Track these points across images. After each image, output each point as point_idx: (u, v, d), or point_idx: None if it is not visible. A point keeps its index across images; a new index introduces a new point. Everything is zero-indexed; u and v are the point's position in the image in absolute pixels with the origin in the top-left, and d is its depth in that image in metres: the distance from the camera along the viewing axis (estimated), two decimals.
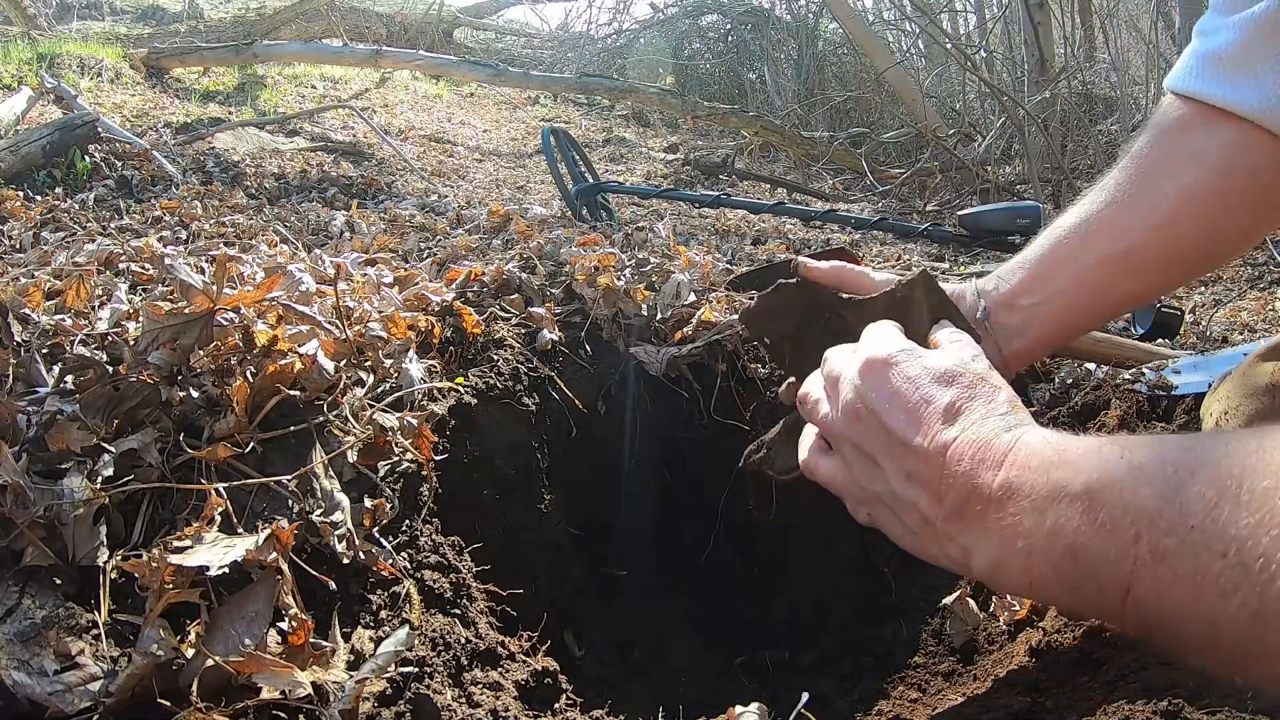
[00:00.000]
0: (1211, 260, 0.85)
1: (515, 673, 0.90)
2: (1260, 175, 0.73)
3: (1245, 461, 0.44)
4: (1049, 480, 0.53)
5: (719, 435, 1.39)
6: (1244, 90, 0.71)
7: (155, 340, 0.94)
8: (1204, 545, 0.44)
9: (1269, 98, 0.70)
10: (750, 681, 1.20)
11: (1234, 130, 0.73)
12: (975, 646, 1.02)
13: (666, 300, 1.48)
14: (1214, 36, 0.74)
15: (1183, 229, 0.77)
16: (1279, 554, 0.40)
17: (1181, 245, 0.78)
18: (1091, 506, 0.50)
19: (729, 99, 8.30)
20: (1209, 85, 0.74)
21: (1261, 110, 0.71)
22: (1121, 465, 0.50)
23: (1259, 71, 0.70)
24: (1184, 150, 0.77)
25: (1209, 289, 4.14)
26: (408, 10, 10.46)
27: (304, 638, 0.72)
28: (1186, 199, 0.76)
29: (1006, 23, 7.35)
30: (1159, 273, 0.81)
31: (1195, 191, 0.76)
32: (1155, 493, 0.47)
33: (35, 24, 7.17)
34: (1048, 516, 0.52)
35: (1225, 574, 0.43)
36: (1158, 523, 0.46)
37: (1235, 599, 0.42)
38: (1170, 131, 0.78)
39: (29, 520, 0.75)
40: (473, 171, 5.57)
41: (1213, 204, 0.76)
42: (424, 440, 0.98)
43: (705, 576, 1.45)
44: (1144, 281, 0.82)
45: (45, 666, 0.66)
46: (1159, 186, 0.78)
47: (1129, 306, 0.91)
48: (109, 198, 2.98)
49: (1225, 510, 0.43)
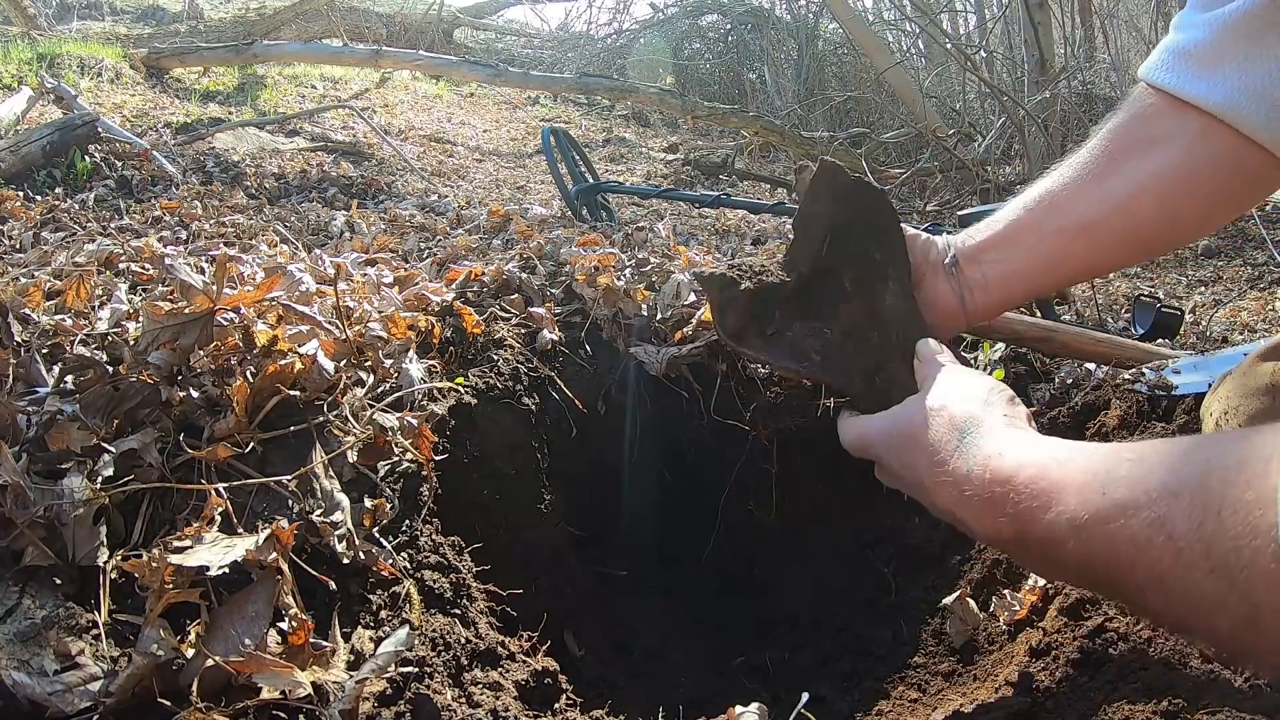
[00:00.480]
0: (1169, 242, 0.89)
1: (515, 673, 0.90)
2: (1221, 167, 0.78)
3: (1226, 476, 0.47)
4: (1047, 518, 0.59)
5: (719, 435, 1.39)
6: (1209, 86, 0.75)
7: (155, 340, 0.94)
8: (1192, 564, 0.47)
9: (1232, 95, 0.74)
10: (750, 681, 1.20)
11: (1199, 123, 0.77)
12: (975, 646, 1.02)
13: (666, 300, 1.48)
14: (1187, 32, 0.78)
15: (1143, 210, 0.82)
16: (1259, 563, 0.43)
17: (1140, 226, 0.83)
18: (1083, 538, 0.55)
19: (729, 99, 8.30)
20: (1178, 79, 0.78)
21: (1224, 106, 0.75)
22: (1103, 502, 0.54)
23: (1225, 70, 0.74)
24: (1151, 136, 0.81)
25: (1209, 289, 4.14)
26: (408, 10, 10.46)
27: (304, 638, 0.72)
28: (1149, 182, 0.81)
29: (1006, 23, 7.35)
30: (1116, 249, 0.86)
31: (1158, 176, 0.80)
32: (1143, 524, 0.51)
33: (35, 24, 7.17)
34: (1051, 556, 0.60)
35: (1215, 588, 0.46)
36: (1147, 552, 0.50)
37: (1227, 610, 0.46)
38: (1140, 117, 0.82)
39: (29, 520, 0.75)
40: (473, 171, 5.57)
41: (1174, 189, 0.80)
42: (424, 440, 0.98)
43: (705, 576, 1.45)
44: (1100, 255, 0.87)
45: (45, 666, 0.66)
46: (1124, 168, 0.82)
47: (1085, 277, 0.98)
48: (109, 198, 2.98)
49: (1209, 528, 0.46)
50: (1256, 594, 0.43)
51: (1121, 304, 3.28)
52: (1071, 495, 0.57)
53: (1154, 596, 0.51)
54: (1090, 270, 0.93)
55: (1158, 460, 0.53)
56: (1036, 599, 0.97)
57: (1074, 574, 0.62)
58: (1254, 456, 0.45)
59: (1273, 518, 0.42)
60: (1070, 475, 0.58)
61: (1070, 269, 0.89)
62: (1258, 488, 0.44)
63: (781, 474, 1.37)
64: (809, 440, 1.36)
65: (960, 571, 1.15)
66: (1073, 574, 0.63)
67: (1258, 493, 0.44)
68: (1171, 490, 0.50)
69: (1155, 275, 4.44)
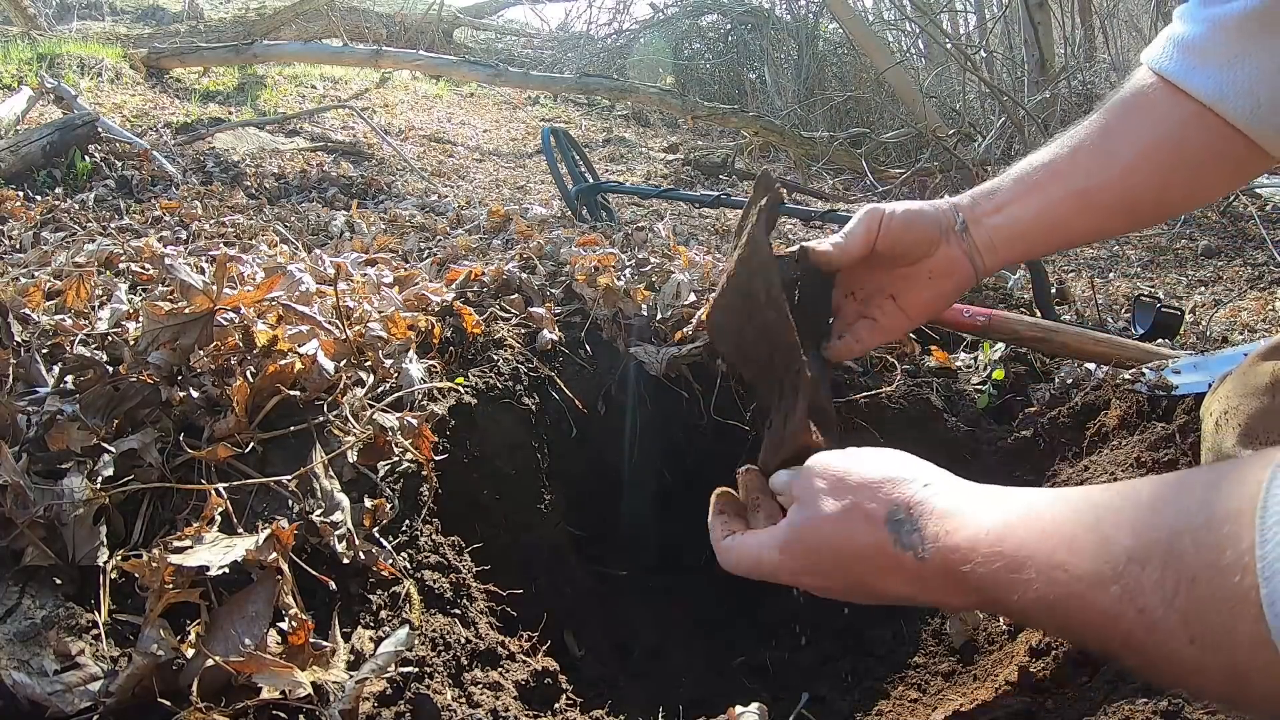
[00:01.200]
0: (1158, 213, 0.96)
1: (515, 673, 0.90)
2: (1210, 149, 0.84)
3: (1196, 538, 0.45)
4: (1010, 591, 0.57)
5: (719, 435, 1.39)
6: (1202, 78, 0.82)
7: (155, 340, 0.94)
8: (1170, 634, 0.45)
9: (1222, 88, 0.81)
10: (750, 681, 1.20)
11: (1193, 108, 0.83)
12: (975, 646, 1.02)
13: (666, 300, 1.48)
14: (1188, 25, 0.84)
15: (1139, 180, 0.88)
16: (1240, 628, 0.41)
17: (1135, 194, 0.89)
18: (1057, 614, 0.53)
19: (729, 99, 8.29)
20: (1176, 68, 0.84)
21: (1215, 98, 0.81)
22: (1068, 578, 0.52)
23: (1218, 64, 0.81)
24: (1148, 115, 0.87)
25: (1209, 289, 4.14)
26: (408, 10, 10.46)
27: (304, 638, 0.72)
28: (1145, 156, 0.87)
29: (1006, 23, 7.35)
30: (1116, 215, 0.92)
31: (1153, 151, 0.87)
32: (1113, 599, 0.49)
33: (35, 24, 7.17)
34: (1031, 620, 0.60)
35: (1196, 656, 0.45)
36: (1120, 624, 0.48)
37: (1210, 674, 0.45)
38: (1139, 96, 0.88)
39: (29, 520, 0.75)
40: (473, 171, 5.57)
41: (1167, 164, 0.87)
42: (424, 440, 0.98)
43: (705, 576, 1.45)
44: (1100, 219, 0.92)
45: (45, 666, 0.66)
46: (1123, 140, 0.89)
47: (1084, 240, 1.03)
48: (109, 198, 2.98)
49: (1183, 598, 0.45)
50: (1239, 658, 0.42)
51: (1121, 304, 3.28)
52: (1034, 570, 0.54)
53: (1134, 660, 0.50)
54: (1087, 234, 0.98)
55: (1120, 521, 0.50)
56: None
57: (1054, 634, 0.66)
58: (1223, 513, 0.43)
59: (1253, 579, 0.40)
60: (1029, 544, 0.55)
61: (1070, 232, 0.94)
62: (1232, 548, 0.42)
63: None
64: None
65: None
66: (1053, 633, 0.63)
67: (1233, 554, 0.42)
68: (1139, 559, 0.47)
69: (1155, 275, 4.45)
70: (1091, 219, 0.92)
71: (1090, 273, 4.31)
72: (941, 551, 0.61)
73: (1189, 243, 4.98)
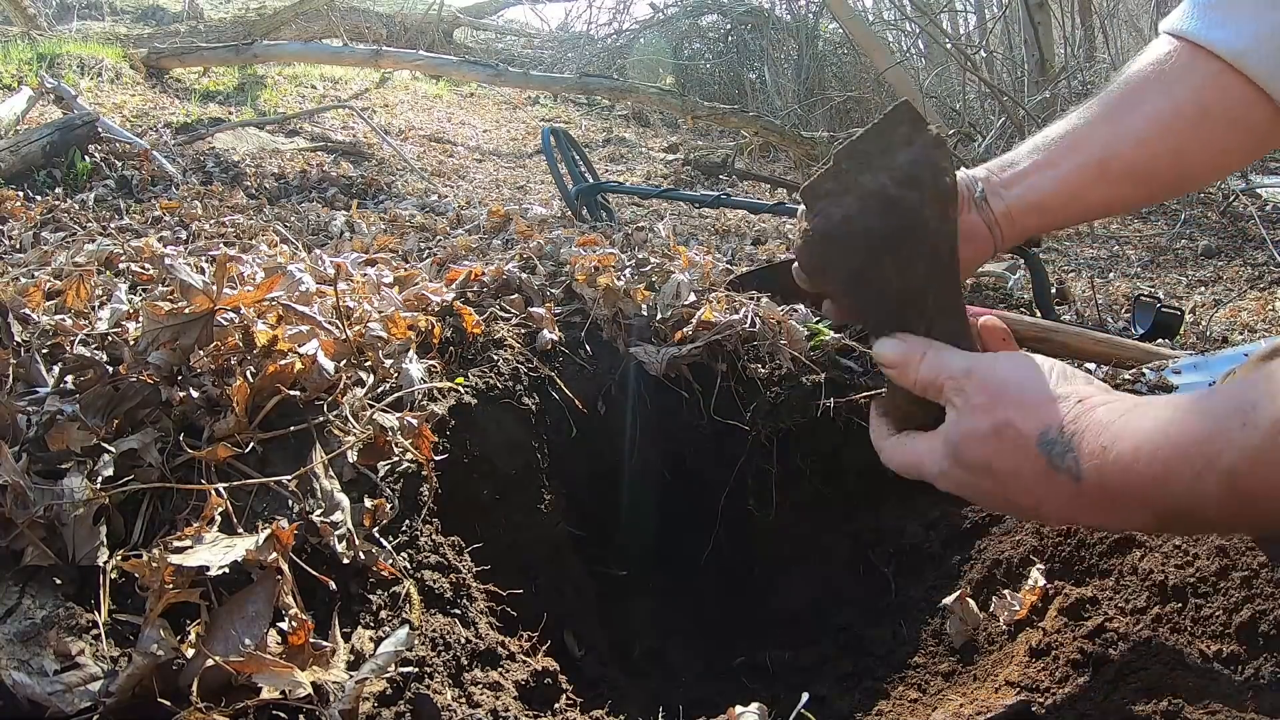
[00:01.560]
0: (1184, 183, 0.95)
1: (515, 673, 0.90)
2: (1230, 111, 0.83)
3: None
4: None
5: (719, 435, 1.39)
6: (1223, 32, 0.80)
7: (155, 340, 0.94)
8: None
9: (1244, 41, 0.79)
10: (750, 681, 1.20)
11: (1214, 68, 0.82)
12: (975, 646, 1.02)
13: (666, 300, 1.48)
14: None
15: (1156, 149, 0.87)
16: None
17: (1153, 164, 0.88)
18: (1247, 476, 0.53)
19: (729, 99, 8.29)
20: (1196, 26, 0.83)
21: (1235, 52, 0.80)
22: (1254, 432, 0.53)
23: (1238, 17, 0.80)
24: (1166, 81, 0.86)
25: (1209, 289, 4.14)
26: (408, 10, 10.46)
27: (304, 638, 0.72)
28: (1163, 123, 0.86)
29: (1006, 23, 7.36)
30: (1134, 185, 0.91)
31: (1172, 119, 0.85)
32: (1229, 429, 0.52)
33: (35, 24, 7.17)
34: None
35: None
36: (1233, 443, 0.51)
37: None
38: (1156, 63, 0.87)
39: (29, 520, 0.75)
40: (473, 171, 5.57)
41: (1185, 132, 0.85)
42: (424, 440, 0.98)
43: (705, 576, 1.45)
44: (1119, 190, 0.91)
45: (45, 666, 0.66)
46: (1140, 109, 0.87)
47: (1101, 213, 1.02)
48: (109, 198, 2.98)
49: None
50: None
51: (1121, 304, 3.28)
52: (1210, 446, 0.53)
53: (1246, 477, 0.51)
54: (1105, 207, 0.97)
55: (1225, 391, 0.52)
56: (1036, 599, 0.97)
57: (1225, 526, 0.62)
58: None
59: None
60: (1192, 429, 0.55)
61: (1087, 203, 0.93)
62: None
63: (781, 474, 1.37)
64: (809, 440, 1.36)
65: (960, 571, 1.15)
66: (1223, 526, 0.62)
67: None
68: (1249, 404, 0.49)
69: (1155, 275, 4.45)
70: (1109, 190, 0.91)
71: (1090, 273, 4.31)
72: (1099, 469, 0.60)
73: (1189, 243, 4.98)
